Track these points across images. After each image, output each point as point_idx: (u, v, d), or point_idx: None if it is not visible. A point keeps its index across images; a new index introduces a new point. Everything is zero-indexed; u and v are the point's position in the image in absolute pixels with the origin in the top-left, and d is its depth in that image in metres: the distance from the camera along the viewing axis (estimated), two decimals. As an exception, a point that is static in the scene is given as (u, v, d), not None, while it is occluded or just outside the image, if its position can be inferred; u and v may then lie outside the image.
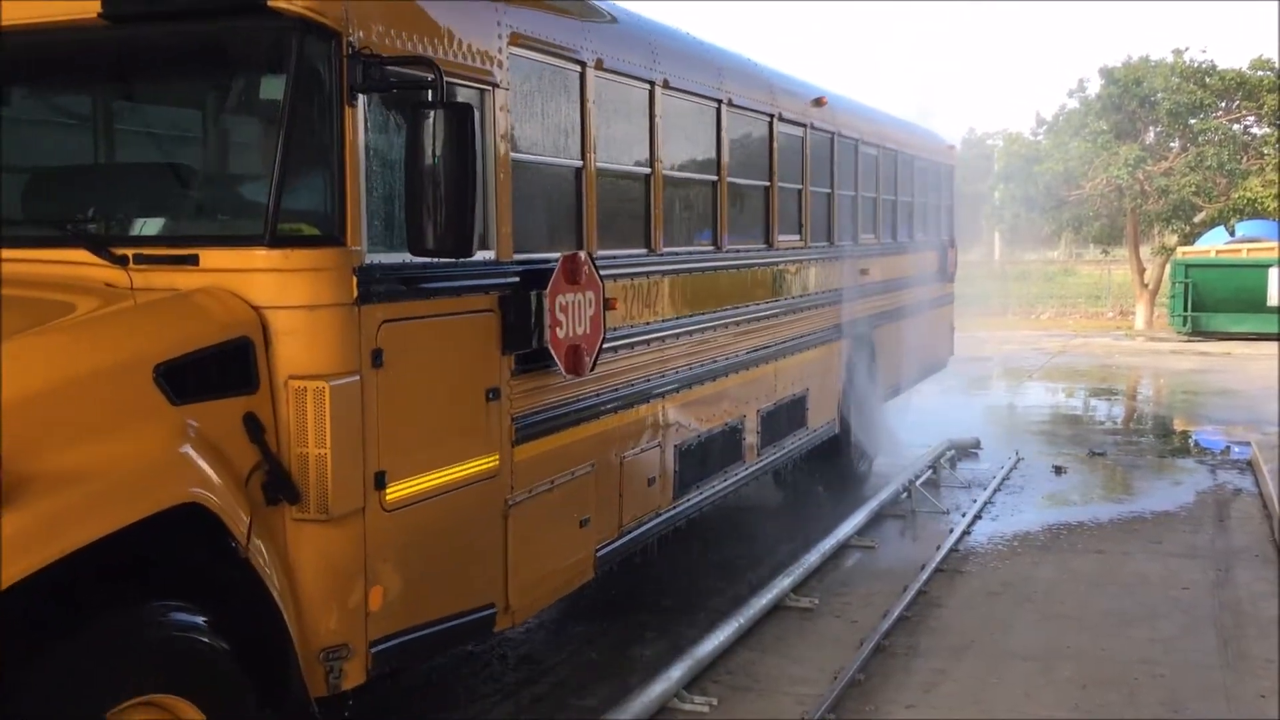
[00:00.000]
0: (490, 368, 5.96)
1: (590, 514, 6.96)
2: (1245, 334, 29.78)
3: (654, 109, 7.71)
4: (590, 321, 6.58)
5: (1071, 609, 8.75)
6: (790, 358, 10.32)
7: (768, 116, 9.83)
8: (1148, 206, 33.75)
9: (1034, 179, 34.74)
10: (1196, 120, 33.36)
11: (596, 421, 7.01)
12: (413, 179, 5.05)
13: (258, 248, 4.93)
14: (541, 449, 6.41)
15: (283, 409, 4.92)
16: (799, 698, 6.99)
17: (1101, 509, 12.06)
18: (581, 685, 7.30)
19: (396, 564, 5.34)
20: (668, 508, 8.04)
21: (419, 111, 5.01)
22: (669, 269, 7.95)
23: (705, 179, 8.76)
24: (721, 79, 8.85)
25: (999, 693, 7.15)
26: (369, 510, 5.16)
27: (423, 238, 5.06)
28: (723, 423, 8.93)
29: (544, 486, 6.46)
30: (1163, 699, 7.06)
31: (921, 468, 12.82)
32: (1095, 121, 34.19)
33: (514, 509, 6.15)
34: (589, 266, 6.56)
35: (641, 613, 8.55)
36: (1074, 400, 21.09)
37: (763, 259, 9.80)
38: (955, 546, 10.30)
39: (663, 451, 7.94)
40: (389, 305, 5.26)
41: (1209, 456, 15.22)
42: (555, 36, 6.59)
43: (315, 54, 4.98)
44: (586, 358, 6.53)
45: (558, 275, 6.29)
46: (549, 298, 6.20)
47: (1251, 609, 8.74)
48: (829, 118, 11.36)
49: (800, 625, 8.32)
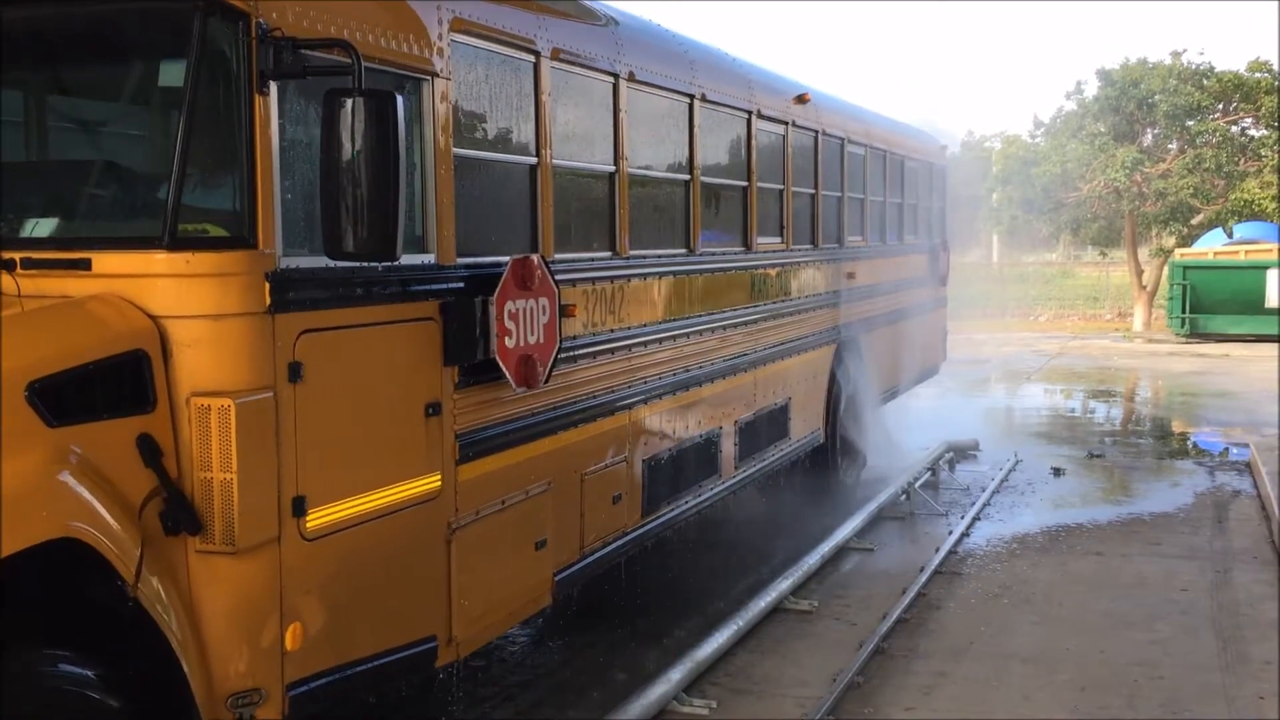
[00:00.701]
0: (430, 381, 5.37)
1: (547, 535, 6.34)
2: (1243, 336, 29.42)
3: (618, 103, 7.10)
4: (544, 330, 5.97)
5: (1070, 611, 8.60)
6: (771, 365, 9.71)
7: (745, 113, 9.21)
8: (1146, 208, 33.30)
9: (1032, 181, 34.16)
10: (1194, 122, 32.82)
11: (554, 436, 6.42)
12: (329, 174, 4.47)
13: (155, 250, 4.38)
14: (490, 467, 5.82)
15: (184, 430, 4.37)
16: (798, 700, 6.87)
17: (1100, 511, 11.90)
18: (582, 688, 7.12)
19: (319, 597, 4.76)
20: (636, 526, 7.42)
21: (335, 100, 4.43)
22: (636, 273, 7.36)
23: (676, 178, 8.15)
24: (694, 73, 8.23)
25: (998, 695, 7.04)
26: (285, 540, 4.60)
27: (340, 240, 4.48)
28: (697, 435, 8.33)
29: (493, 508, 5.86)
30: (1162, 701, 6.94)
31: (920, 470, 12.61)
32: (1093, 124, 33.71)
33: (459, 533, 5.56)
34: (542, 270, 5.95)
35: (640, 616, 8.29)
36: (1072, 402, 20.79)
37: (740, 262, 9.19)
38: (954, 549, 10.14)
39: (630, 467, 7.34)
40: (309, 314, 4.69)
41: (1207, 458, 15.03)
42: (505, 24, 5.99)
43: (220, 36, 4.43)
44: (540, 369, 5.92)
45: (507, 280, 5.70)
46: (497, 304, 5.61)
47: (1250, 611, 8.59)
48: (812, 115, 10.74)
49: (799, 628, 8.18)
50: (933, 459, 13.18)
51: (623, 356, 7.15)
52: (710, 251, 8.52)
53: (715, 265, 8.63)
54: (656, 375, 7.65)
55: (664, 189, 8.05)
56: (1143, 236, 36.03)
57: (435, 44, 5.38)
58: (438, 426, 5.39)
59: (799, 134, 10.43)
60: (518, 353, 5.78)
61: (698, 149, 8.26)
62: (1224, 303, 30.02)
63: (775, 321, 9.80)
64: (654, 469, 7.63)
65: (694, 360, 8.22)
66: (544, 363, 5.97)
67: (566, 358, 6.36)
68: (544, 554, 6.31)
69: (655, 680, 6.66)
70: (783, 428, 10.05)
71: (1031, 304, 40.01)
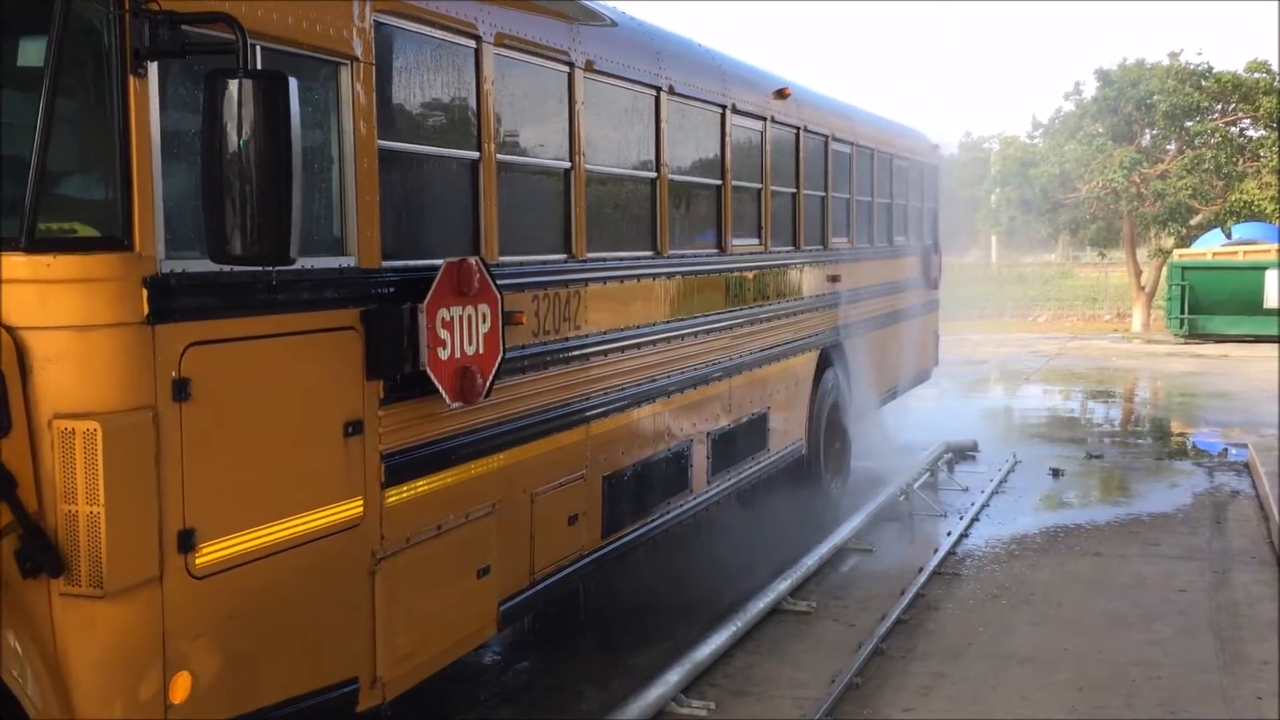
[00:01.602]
0: (350, 397, 4.72)
1: (491, 562, 5.66)
2: (1242, 336, 29.06)
3: (574, 94, 6.42)
4: (485, 339, 5.33)
5: (1069, 611, 8.48)
6: (747, 374, 8.99)
7: (719, 108, 8.48)
8: (1144, 209, 32.85)
9: (1030, 182, 33.68)
10: (1193, 123, 32.38)
11: (499, 454, 5.74)
12: (210, 167, 3.83)
13: (11, 253, 3.74)
14: (423, 490, 5.16)
15: (46, 456, 3.74)
16: (797, 701, 6.76)
17: (1099, 511, 11.71)
18: (580, 690, 6.94)
19: (213, 642, 4.13)
20: (595, 548, 6.76)
21: (217, 82, 3.79)
22: (595, 277, 6.69)
23: (641, 176, 7.44)
24: (660, 64, 7.52)
25: (997, 695, 6.94)
26: (169, 579, 3.97)
27: (224, 242, 3.84)
28: (665, 449, 7.62)
29: (427, 534, 5.20)
30: (1160, 701, 6.85)
31: (919, 471, 12.38)
32: (1091, 124, 33.26)
33: (385, 563, 4.91)
34: (483, 274, 5.30)
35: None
36: (1071, 403, 20.50)
37: (714, 265, 8.45)
38: (953, 549, 9.99)
39: (589, 484, 6.66)
40: (198, 324, 4.06)
41: (1206, 459, 14.76)
42: (441, 5, 5.32)
43: (87, 10, 3.79)
44: (480, 381, 5.27)
45: (440, 286, 5.05)
46: (428, 312, 4.98)
47: (1249, 611, 8.47)
48: (793, 111, 10.02)
49: (798, 629, 8.05)
50: (931, 460, 12.93)
51: (579, 366, 6.48)
52: (680, 254, 7.83)
53: (685, 268, 7.93)
54: (619, 386, 6.97)
55: (627, 187, 7.35)
56: (1141, 237, 35.63)
57: (355, 25, 4.72)
58: (359, 447, 4.75)
59: (779, 130, 9.72)
60: (453, 364, 5.14)
61: (665, 145, 7.55)
62: (1222, 303, 29.67)
63: (752, 328, 9.09)
64: (616, 486, 6.95)
65: (660, 370, 7.53)
66: (484, 375, 5.33)
67: (513, 369, 5.75)
68: (487, 582, 5.64)
69: (653, 682, 6.52)
70: (761, 439, 9.38)
71: (1030, 305, 39.66)
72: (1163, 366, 24.82)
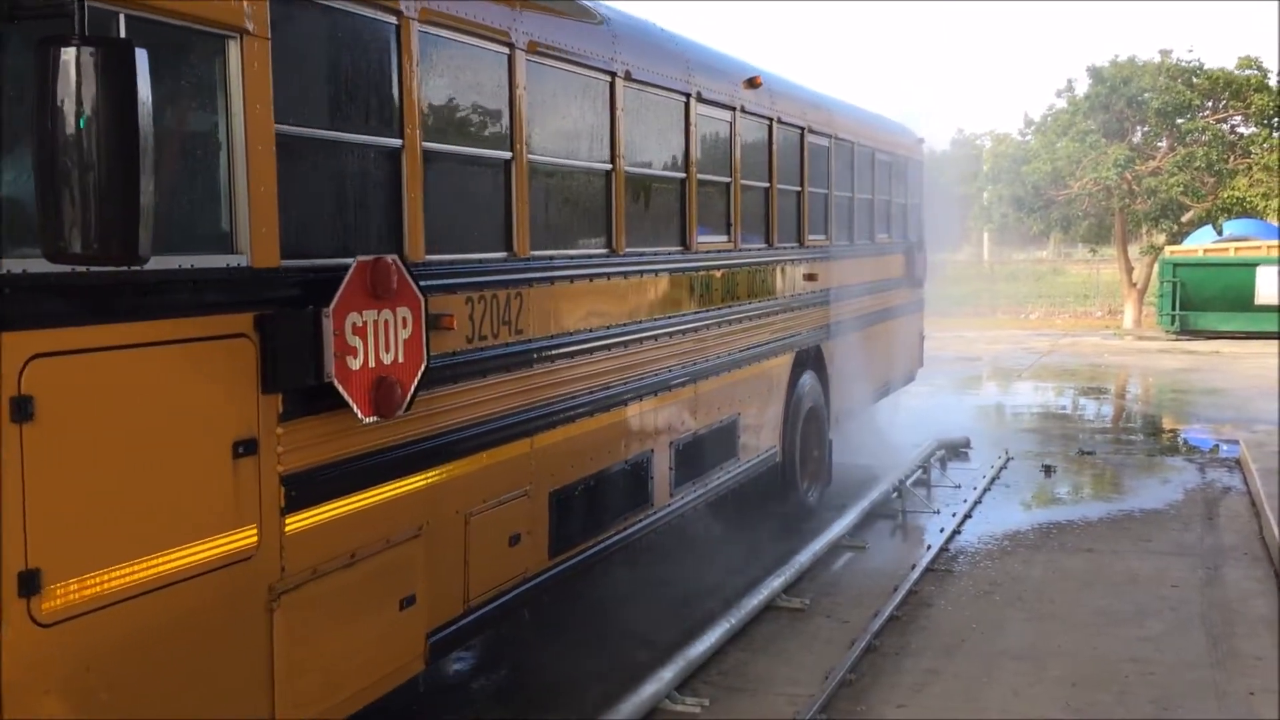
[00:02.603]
0: (241, 413, 4.08)
1: (417, 590, 5.04)
2: (1233, 333, 28.65)
3: (515, 78, 5.77)
4: (405, 346, 4.72)
5: (1061, 608, 8.37)
6: (715, 379, 8.33)
7: (682, 96, 7.81)
8: (1136, 206, 32.37)
9: (1022, 179, 33.21)
10: (1184, 120, 31.82)
11: (426, 473, 5.12)
12: (43, 153, 3.18)
13: None
14: (333, 515, 4.54)
15: None
16: (790, 698, 6.67)
17: (1091, 508, 11.55)
18: (574, 687, 6.75)
19: (64, 699, 3.51)
20: (542, 570, 6.14)
21: (49, 51, 3.15)
22: (540, 277, 6.05)
23: (594, 168, 6.79)
24: (616, 48, 6.87)
25: (990, 692, 6.85)
26: (9, 627, 3.34)
27: (59, 239, 3.19)
28: (622, 460, 6.99)
29: (338, 564, 4.57)
30: (1153, 697, 6.77)
31: (912, 468, 12.17)
32: (1083, 121, 32.72)
33: (285, 598, 4.28)
34: (402, 275, 4.68)
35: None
36: (1063, 399, 20.07)
37: (677, 264, 7.77)
38: (945, 546, 9.86)
39: (533, 501, 6.04)
40: (42, 334, 3.43)
41: (1198, 455, 14.60)
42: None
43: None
44: (399, 393, 4.67)
45: (350, 287, 4.44)
46: (335, 317, 4.35)
47: (1241, 607, 8.38)
48: (765, 102, 9.33)
49: (792, 626, 7.94)
50: (924, 457, 12.66)
51: (522, 374, 5.86)
52: (638, 252, 7.17)
53: (644, 267, 7.28)
54: (568, 395, 6.36)
55: (579, 181, 6.71)
56: (1133, 234, 35.18)
57: (246, -6, 4.09)
58: (252, 469, 4.11)
59: (750, 121, 9.03)
60: (367, 375, 4.53)
61: (620, 134, 6.89)
62: (1214, 300, 29.28)
63: (720, 330, 8.43)
64: (565, 502, 6.34)
65: (617, 376, 6.89)
66: (405, 386, 4.72)
67: (443, 378, 5.14)
68: (413, 613, 4.99)
69: (647, 679, 6.40)
70: (730, 447, 8.74)
71: (1022, 302, 39.24)
72: (1154, 363, 24.43)
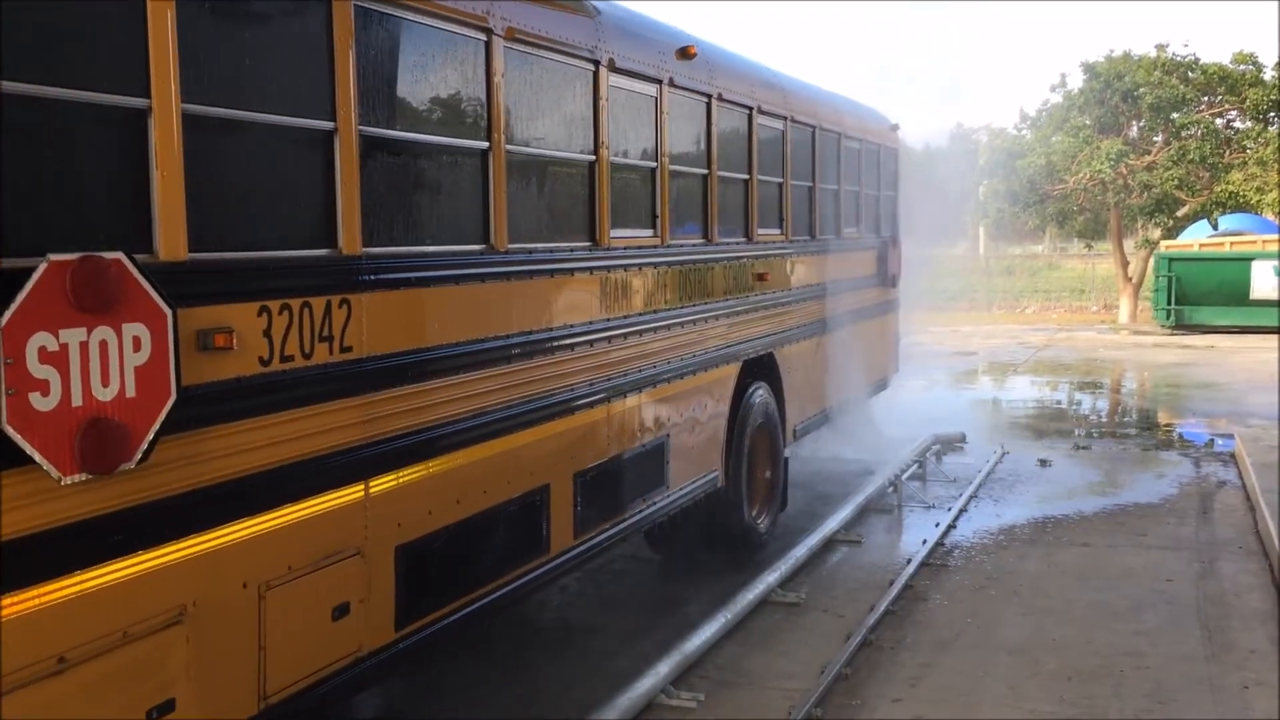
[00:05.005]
0: None
1: (175, 694, 3.95)
2: (1229, 327, 29.01)
3: (334, 30, 4.61)
4: (139, 376, 3.70)
5: (1057, 602, 8.42)
6: (635, 396, 7.27)
7: (589, 64, 6.67)
8: (1131, 201, 32.69)
9: (1017, 174, 33.52)
10: (1179, 114, 32.18)
11: (190, 538, 4.02)
12: None
13: None
14: (24, 608, 3.46)
15: None
16: (786, 692, 6.69)
17: (1086, 502, 11.60)
18: (568, 682, 6.88)
19: None
20: (386, 644, 5.06)
21: None
22: (378, 279, 4.93)
23: (466, 146, 5.66)
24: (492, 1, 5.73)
25: (985, 686, 6.89)
26: None
27: None
28: (499, 502, 5.85)
29: (39, 672, 3.53)
30: (1148, 691, 6.81)
31: (907, 462, 12.23)
32: (1078, 116, 33.12)
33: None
34: (131, 278, 3.67)
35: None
36: (1059, 394, 20.30)
37: (582, 262, 6.69)
38: (941, 541, 9.89)
39: (368, 561, 4.91)
40: None
41: (1193, 449, 14.72)
42: None
43: None
44: (129, 440, 3.68)
45: (35, 298, 3.39)
46: (6, 338, 3.32)
47: (1236, 601, 8.42)
48: (703, 76, 8.18)
49: (787, 620, 7.97)
50: (919, 451, 12.77)
51: (347, 402, 4.73)
52: (526, 249, 6.07)
53: (537, 267, 6.19)
54: (419, 426, 5.19)
55: (443, 160, 5.56)
56: (1128, 229, 35.61)
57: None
58: None
59: (682, 98, 7.93)
60: (70, 417, 3.50)
61: (500, 107, 5.76)
62: (1209, 294, 29.65)
63: (639, 340, 7.31)
64: (418, 558, 5.21)
65: (495, 398, 5.76)
66: (139, 430, 3.70)
67: (221, 412, 4.11)
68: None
69: (643, 674, 6.41)
70: (657, 474, 7.65)
71: (1018, 296, 39.63)
72: (1149, 357, 24.69)
